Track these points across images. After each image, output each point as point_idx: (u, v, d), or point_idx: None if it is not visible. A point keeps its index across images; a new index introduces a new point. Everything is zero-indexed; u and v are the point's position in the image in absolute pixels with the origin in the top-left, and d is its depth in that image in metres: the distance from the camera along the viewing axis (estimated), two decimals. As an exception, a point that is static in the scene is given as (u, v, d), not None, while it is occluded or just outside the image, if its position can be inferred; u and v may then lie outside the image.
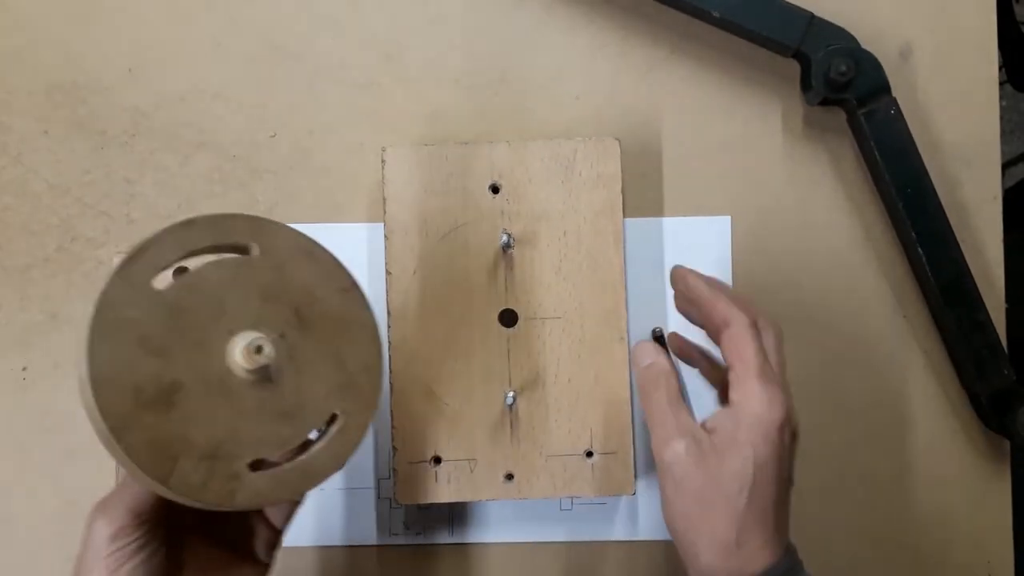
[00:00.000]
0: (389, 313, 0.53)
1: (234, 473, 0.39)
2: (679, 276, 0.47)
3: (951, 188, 0.59)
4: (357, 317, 0.45)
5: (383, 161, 0.54)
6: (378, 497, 0.58)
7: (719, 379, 0.50)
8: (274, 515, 0.47)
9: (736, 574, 0.41)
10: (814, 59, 0.55)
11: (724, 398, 0.47)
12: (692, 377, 0.52)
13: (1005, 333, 0.57)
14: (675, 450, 0.42)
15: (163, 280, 0.39)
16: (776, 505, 0.42)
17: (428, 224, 0.54)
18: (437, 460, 0.54)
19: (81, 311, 0.59)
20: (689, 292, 0.47)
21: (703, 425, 0.44)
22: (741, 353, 0.43)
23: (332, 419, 0.43)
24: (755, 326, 0.44)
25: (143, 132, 0.60)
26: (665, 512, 0.44)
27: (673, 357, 0.50)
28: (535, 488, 0.54)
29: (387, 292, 0.54)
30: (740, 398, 0.42)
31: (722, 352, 0.44)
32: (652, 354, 0.46)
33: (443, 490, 0.54)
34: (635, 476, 0.54)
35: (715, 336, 0.45)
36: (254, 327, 0.41)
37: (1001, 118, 0.60)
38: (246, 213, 0.43)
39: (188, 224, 0.40)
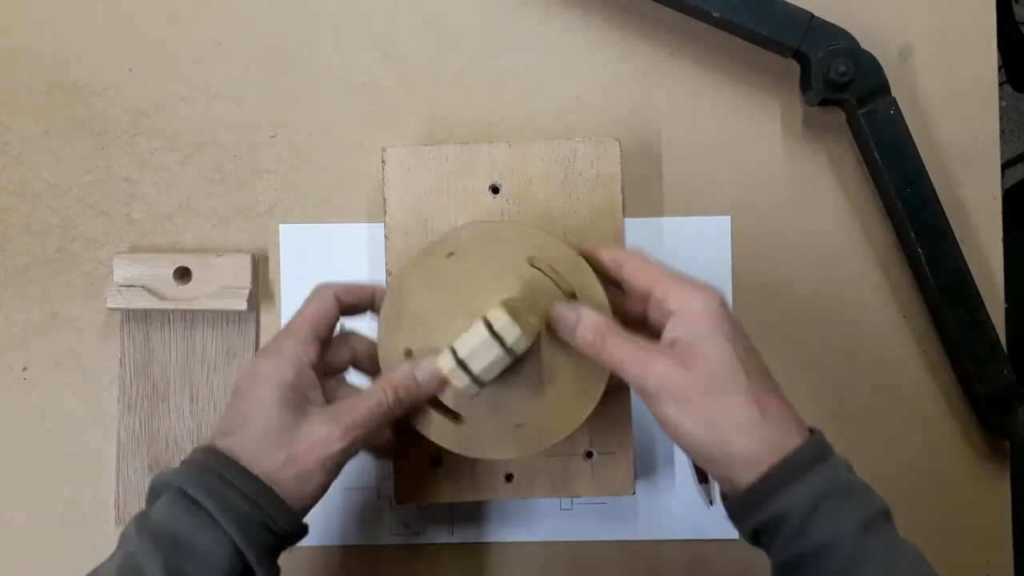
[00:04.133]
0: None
1: None
2: None
3: (951, 188, 0.59)
4: None
5: (383, 161, 0.54)
6: (378, 497, 0.58)
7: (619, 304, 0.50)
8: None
9: (776, 447, 0.41)
10: (814, 59, 0.55)
11: (631, 321, 0.47)
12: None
13: (1005, 333, 0.57)
14: (657, 371, 0.42)
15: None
16: (769, 374, 0.43)
17: (428, 224, 0.54)
18: (437, 460, 0.54)
19: (81, 311, 0.59)
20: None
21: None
22: (651, 273, 0.45)
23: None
24: (646, 255, 0.47)
25: (143, 132, 0.60)
26: (677, 431, 0.42)
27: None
28: (535, 488, 0.54)
29: (387, 292, 0.54)
30: (677, 303, 0.43)
31: (631, 286, 0.46)
32: (571, 312, 0.46)
33: (443, 490, 0.54)
34: (635, 476, 0.54)
35: (617, 277, 0.47)
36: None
37: (1001, 118, 0.60)
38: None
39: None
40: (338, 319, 0.49)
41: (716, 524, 0.58)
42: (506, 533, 0.58)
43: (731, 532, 0.44)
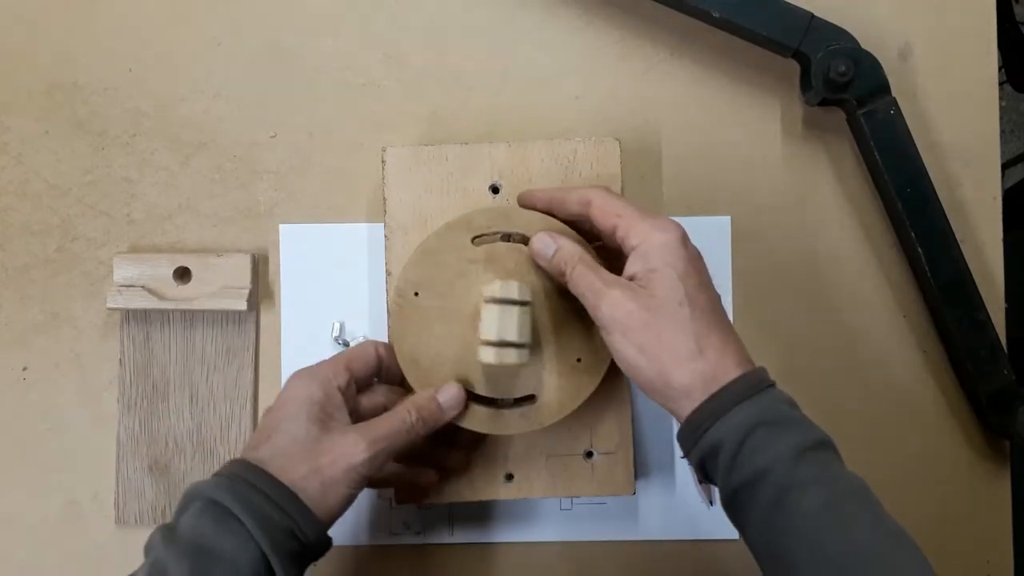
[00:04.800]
0: (389, 314, 0.53)
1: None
2: (527, 196, 0.52)
3: (951, 188, 0.59)
4: None
5: (383, 161, 0.54)
6: (378, 497, 0.58)
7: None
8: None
9: (711, 380, 0.43)
10: (814, 59, 0.55)
11: (607, 257, 0.49)
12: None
13: (1005, 333, 0.57)
14: (611, 297, 0.44)
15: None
16: (719, 311, 0.45)
17: (428, 224, 0.54)
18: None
19: (81, 311, 0.59)
20: (543, 201, 0.51)
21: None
22: (616, 210, 0.47)
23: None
24: (611, 190, 0.48)
25: (143, 132, 0.60)
26: (624, 361, 0.45)
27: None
28: (535, 488, 0.54)
29: (387, 292, 0.54)
30: (638, 239, 0.45)
31: (599, 223, 0.48)
32: (551, 241, 0.48)
33: (443, 490, 0.54)
34: (635, 476, 0.54)
35: (586, 214, 0.48)
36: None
37: (1001, 118, 0.60)
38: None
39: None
40: (375, 369, 0.51)
41: (716, 524, 0.58)
42: (506, 533, 0.58)
43: (731, 532, 0.44)
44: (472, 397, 0.50)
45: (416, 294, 0.50)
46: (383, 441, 0.46)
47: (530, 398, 0.50)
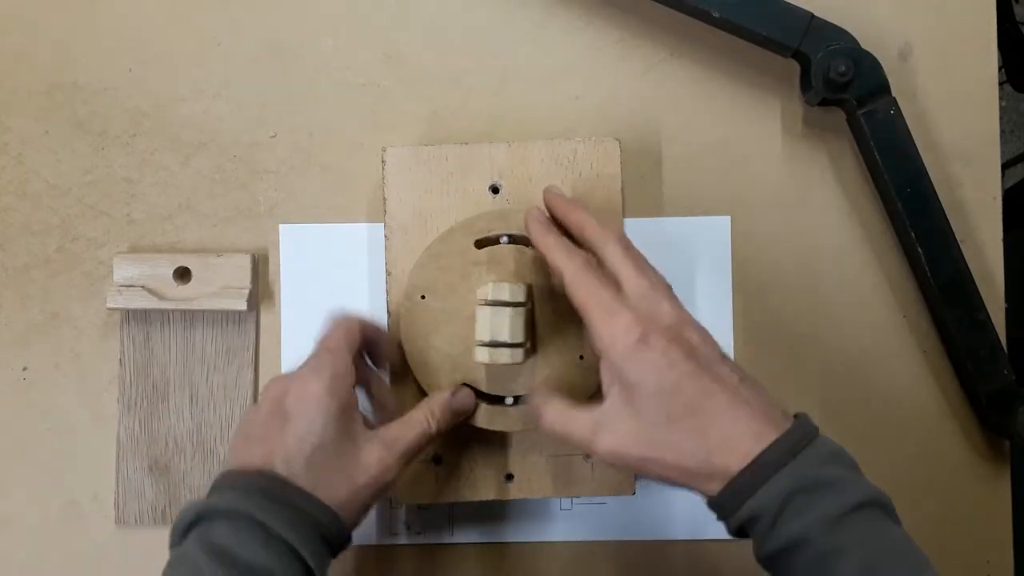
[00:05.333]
0: (389, 314, 0.53)
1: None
2: (549, 200, 0.50)
3: (951, 188, 0.59)
4: None
5: (383, 161, 0.54)
6: (378, 497, 0.58)
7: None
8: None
9: (741, 457, 0.41)
10: (814, 59, 0.55)
11: None
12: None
13: (1005, 333, 0.57)
14: (605, 429, 0.43)
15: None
16: (719, 383, 0.42)
17: (428, 224, 0.54)
18: (437, 460, 0.54)
19: (81, 311, 0.59)
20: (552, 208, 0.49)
21: (601, 395, 0.45)
22: (580, 299, 0.44)
23: None
24: (588, 263, 0.45)
25: (143, 132, 0.60)
26: (640, 470, 0.43)
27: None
28: (535, 488, 0.54)
29: (387, 292, 0.54)
30: (600, 344, 0.43)
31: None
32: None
33: (443, 490, 0.54)
34: (635, 476, 0.54)
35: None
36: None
37: (1001, 118, 0.60)
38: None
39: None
40: (361, 345, 0.50)
41: (716, 524, 0.57)
42: (506, 533, 0.58)
43: (731, 532, 0.44)
44: (478, 395, 0.51)
45: (423, 297, 0.51)
46: (408, 453, 0.47)
47: None
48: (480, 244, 0.52)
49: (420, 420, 0.48)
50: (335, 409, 0.45)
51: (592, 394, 0.51)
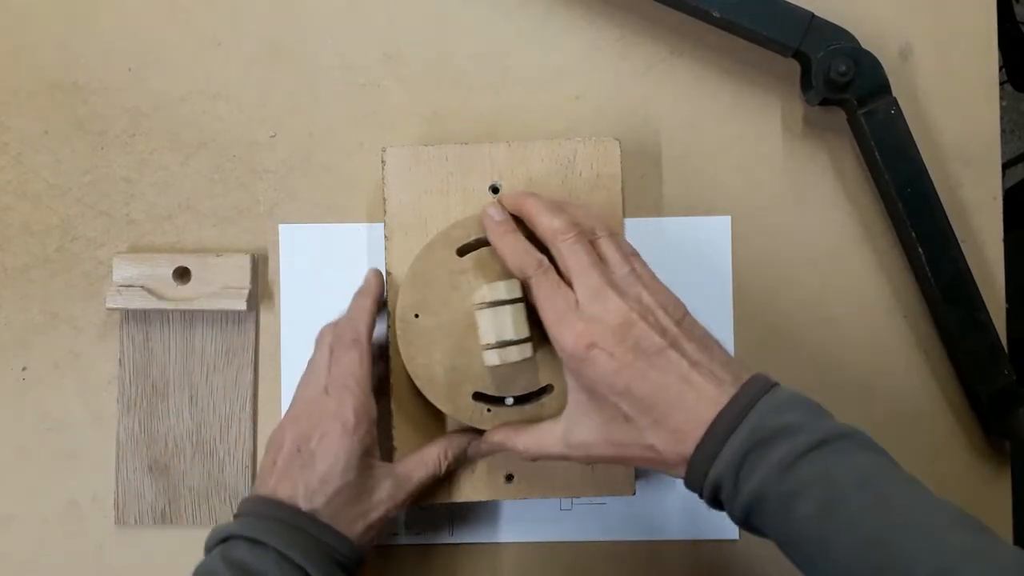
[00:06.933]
0: (389, 314, 0.53)
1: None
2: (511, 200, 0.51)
3: (951, 188, 0.59)
4: None
5: (383, 161, 0.54)
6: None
7: None
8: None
9: (687, 442, 0.42)
10: (814, 59, 0.55)
11: None
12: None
13: (1005, 333, 0.57)
14: (574, 442, 0.46)
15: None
16: (664, 390, 0.43)
17: (428, 224, 0.54)
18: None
19: (81, 311, 0.59)
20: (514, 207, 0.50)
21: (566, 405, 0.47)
22: (538, 307, 0.46)
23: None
24: (541, 267, 0.46)
25: (143, 132, 0.60)
26: (597, 459, 0.46)
27: None
28: (535, 488, 0.54)
29: (387, 292, 0.54)
30: (559, 351, 0.45)
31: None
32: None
33: (443, 490, 0.54)
34: (635, 476, 0.54)
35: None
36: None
37: (1001, 118, 0.60)
38: None
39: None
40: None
41: (716, 524, 0.58)
42: (506, 533, 0.58)
43: (731, 532, 0.44)
44: (491, 400, 0.51)
45: (416, 316, 0.51)
46: (416, 492, 0.51)
47: (548, 388, 0.51)
48: (462, 251, 0.51)
49: (433, 461, 0.51)
50: (358, 450, 0.48)
51: None
